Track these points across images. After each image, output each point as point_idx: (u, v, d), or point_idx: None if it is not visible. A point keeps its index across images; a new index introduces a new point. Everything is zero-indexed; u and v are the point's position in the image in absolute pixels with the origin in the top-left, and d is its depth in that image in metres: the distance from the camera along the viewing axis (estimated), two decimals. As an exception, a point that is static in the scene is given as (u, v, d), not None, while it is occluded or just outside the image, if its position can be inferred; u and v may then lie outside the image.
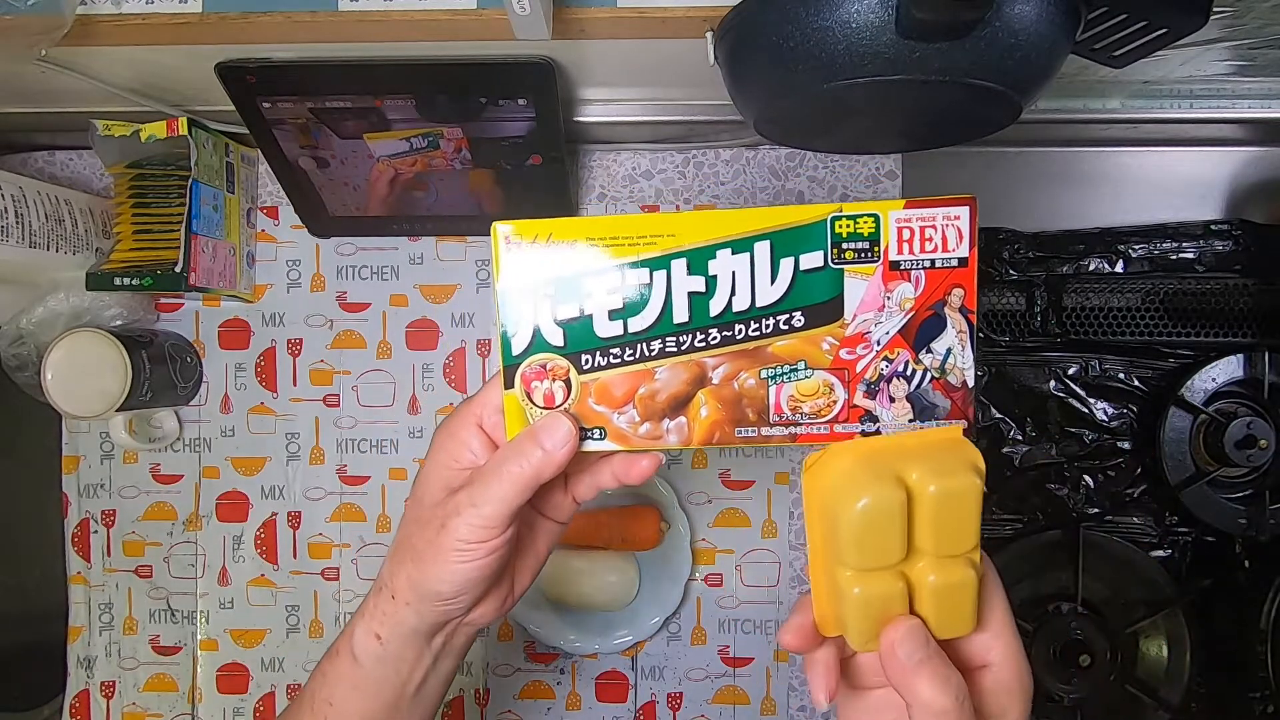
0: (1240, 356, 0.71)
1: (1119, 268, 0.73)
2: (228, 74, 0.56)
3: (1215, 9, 0.42)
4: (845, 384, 0.37)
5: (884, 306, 0.36)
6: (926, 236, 0.36)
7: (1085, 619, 0.71)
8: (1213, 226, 0.73)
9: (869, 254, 0.36)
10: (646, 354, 0.37)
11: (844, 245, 0.36)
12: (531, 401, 0.38)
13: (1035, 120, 0.66)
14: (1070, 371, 0.74)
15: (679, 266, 0.36)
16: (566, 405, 0.37)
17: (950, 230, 0.36)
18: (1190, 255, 0.73)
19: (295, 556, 0.74)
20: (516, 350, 0.37)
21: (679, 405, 0.37)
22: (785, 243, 0.36)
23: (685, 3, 0.49)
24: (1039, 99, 0.44)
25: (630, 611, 0.72)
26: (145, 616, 0.74)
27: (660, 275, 0.36)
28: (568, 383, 0.37)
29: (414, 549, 0.39)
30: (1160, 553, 0.74)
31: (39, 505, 0.75)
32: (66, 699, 0.74)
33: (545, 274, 0.37)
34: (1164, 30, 0.42)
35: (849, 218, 0.36)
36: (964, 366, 0.37)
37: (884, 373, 0.37)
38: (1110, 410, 0.74)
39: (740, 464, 0.73)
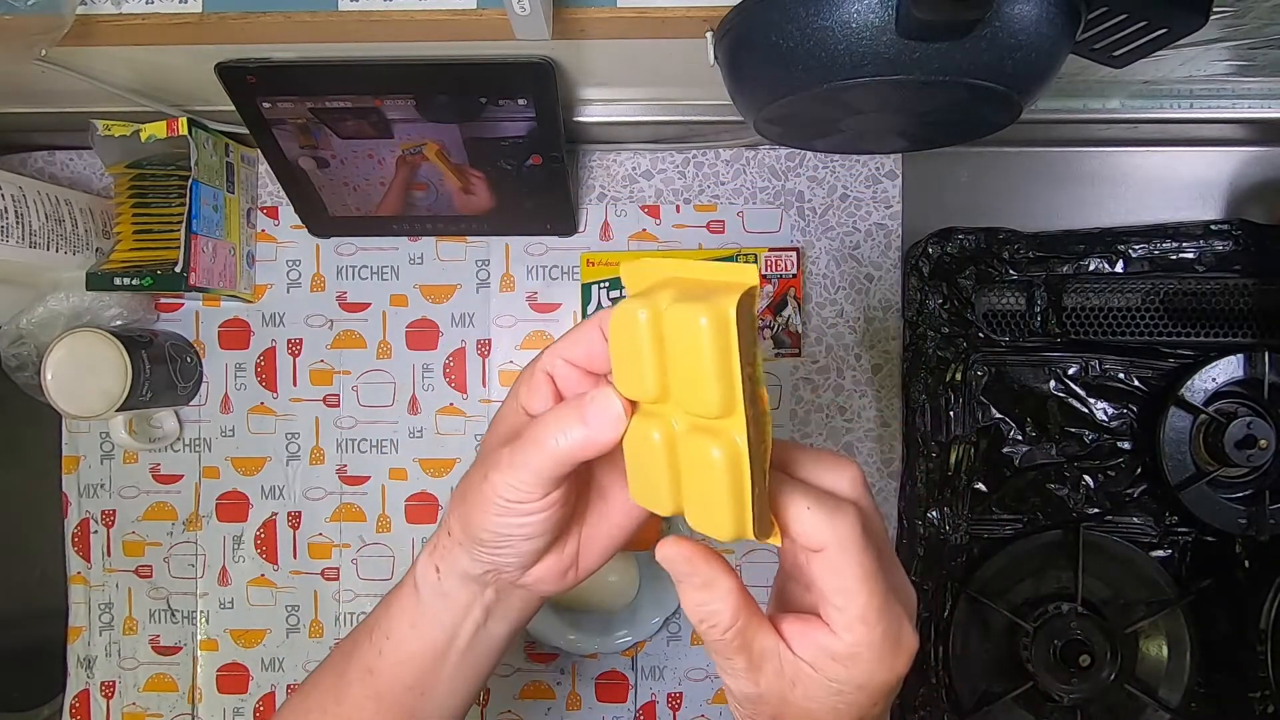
0: (1240, 356, 0.71)
1: (1119, 268, 0.73)
2: (228, 74, 0.57)
3: (1215, 9, 0.42)
4: None
5: (760, 295, 0.66)
6: (778, 263, 0.70)
7: (1085, 619, 0.70)
8: (1213, 226, 0.72)
9: None
10: None
11: None
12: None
13: (1035, 120, 0.66)
14: (1070, 371, 0.74)
15: None
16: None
17: (788, 260, 0.70)
18: (1190, 255, 0.73)
19: (295, 556, 0.74)
20: (589, 312, 0.70)
21: None
22: None
23: (685, 3, 0.50)
24: (1039, 99, 0.44)
25: (630, 611, 0.72)
26: (145, 616, 0.74)
27: None
28: None
29: (466, 489, 0.39)
30: (1160, 553, 0.74)
31: (39, 505, 0.75)
32: (66, 699, 0.74)
33: (604, 277, 0.71)
34: (1164, 30, 0.42)
35: (745, 253, 0.71)
36: (796, 323, 0.71)
37: (760, 325, 0.69)
38: (1110, 410, 0.74)
39: (740, 464, 0.73)
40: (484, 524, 0.38)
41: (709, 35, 0.47)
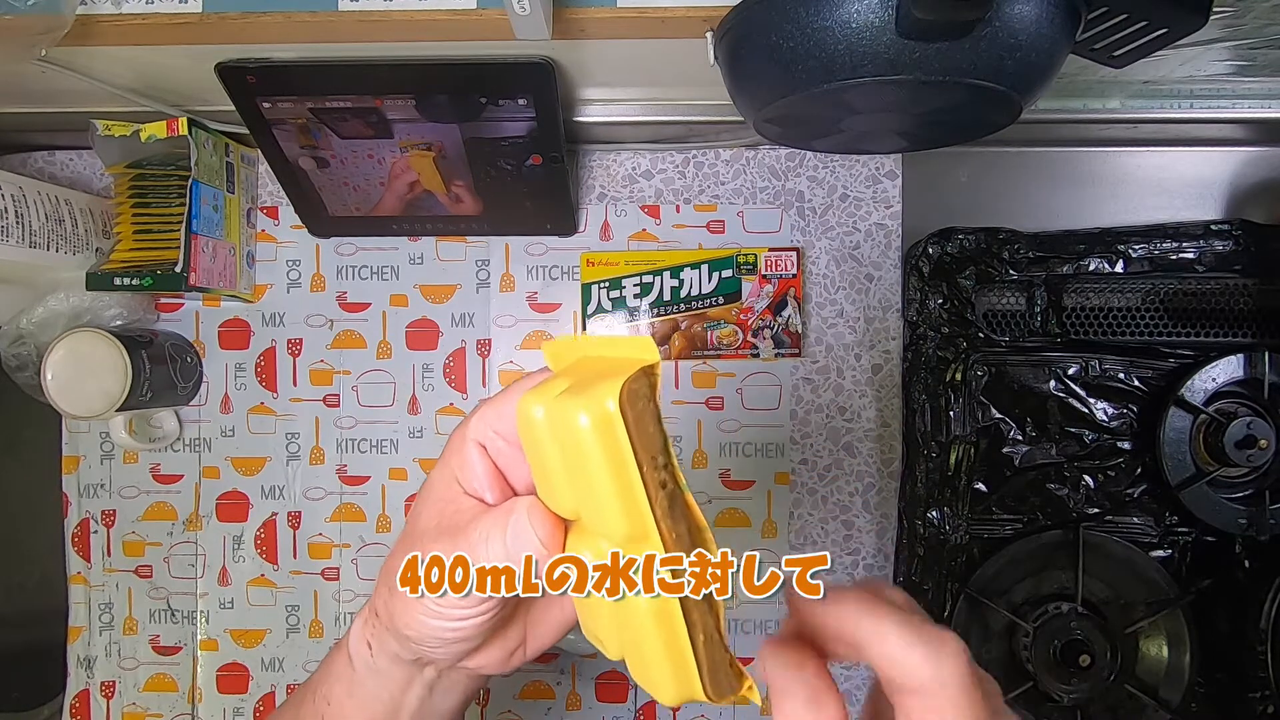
0: (1240, 356, 0.71)
1: (1119, 268, 0.73)
2: (228, 74, 0.57)
3: (1215, 9, 0.42)
4: (743, 330, 0.70)
5: (759, 295, 0.70)
6: (778, 263, 0.70)
7: (1085, 619, 0.70)
8: (1213, 226, 0.72)
9: (753, 270, 0.70)
10: (650, 314, 0.71)
11: (742, 266, 0.70)
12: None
13: (1035, 120, 0.66)
14: (1070, 371, 0.74)
15: (666, 274, 0.71)
16: None
17: (789, 260, 0.70)
18: (1190, 255, 0.73)
19: (295, 556, 0.74)
20: (589, 312, 0.71)
21: (666, 338, 0.71)
22: (716, 264, 0.70)
23: (685, 3, 0.50)
24: (1039, 99, 0.44)
25: (630, 611, 0.72)
26: (145, 616, 0.74)
27: (658, 279, 0.71)
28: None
29: (391, 575, 0.34)
30: (1160, 553, 0.74)
31: (39, 505, 0.75)
32: (66, 699, 0.74)
33: (604, 277, 0.71)
34: (1164, 30, 0.42)
35: (745, 253, 0.70)
36: (796, 324, 0.70)
37: (760, 325, 0.70)
38: (1110, 410, 0.74)
39: (740, 464, 0.73)
40: (410, 623, 0.33)
41: (709, 35, 0.47)
